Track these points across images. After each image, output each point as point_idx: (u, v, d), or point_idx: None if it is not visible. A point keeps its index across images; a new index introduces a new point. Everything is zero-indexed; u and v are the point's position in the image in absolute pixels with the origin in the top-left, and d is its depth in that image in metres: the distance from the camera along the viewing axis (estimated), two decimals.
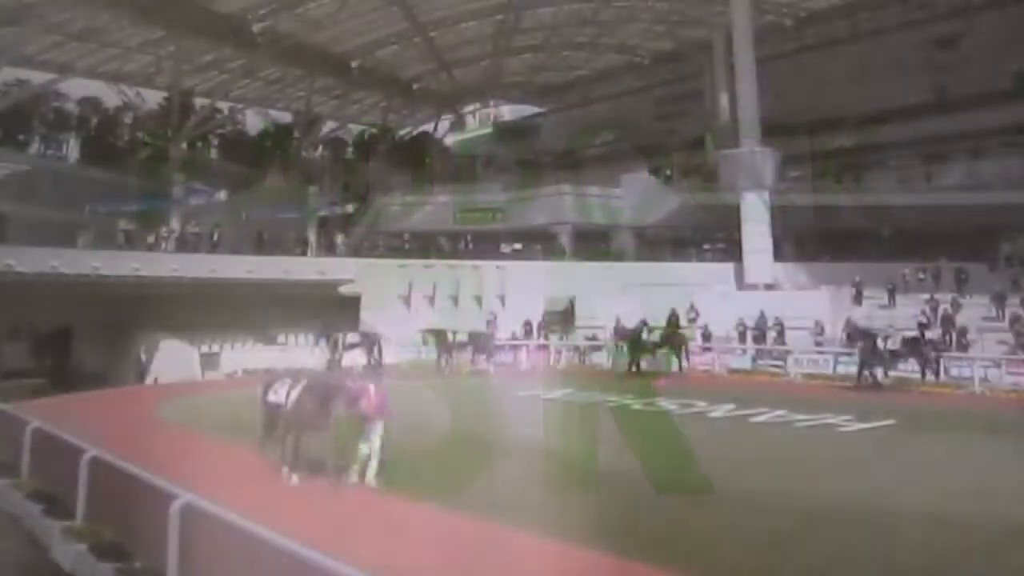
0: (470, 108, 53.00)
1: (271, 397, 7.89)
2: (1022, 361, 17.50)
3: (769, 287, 26.44)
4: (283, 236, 29.23)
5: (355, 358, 20.03)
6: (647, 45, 42.04)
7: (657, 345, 19.20)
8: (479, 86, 46.43)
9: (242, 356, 22.54)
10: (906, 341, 16.80)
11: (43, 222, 24.89)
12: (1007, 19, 31.77)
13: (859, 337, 17.06)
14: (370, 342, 20.41)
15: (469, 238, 36.51)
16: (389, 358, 23.21)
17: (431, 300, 27.05)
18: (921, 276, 25.69)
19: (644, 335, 19.31)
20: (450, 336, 21.28)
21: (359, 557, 4.29)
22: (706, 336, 22.45)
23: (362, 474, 7.43)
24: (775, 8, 35.48)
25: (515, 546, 5.72)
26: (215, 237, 26.79)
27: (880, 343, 16.64)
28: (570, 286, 26.75)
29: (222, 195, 28.94)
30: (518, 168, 46.01)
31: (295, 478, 7.42)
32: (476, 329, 22.41)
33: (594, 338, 24.11)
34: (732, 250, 29.95)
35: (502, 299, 26.97)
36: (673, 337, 19.32)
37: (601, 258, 30.90)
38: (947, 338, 20.09)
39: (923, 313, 21.81)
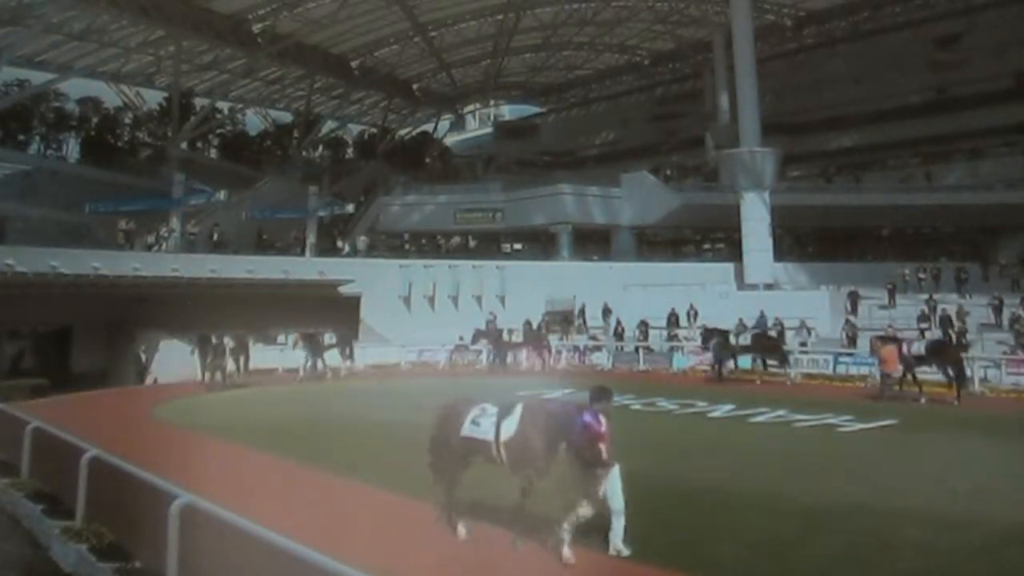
0: (470, 108, 53.04)
1: (468, 430, 5.99)
2: (1022, 361, 17.50)
3: (769, 287, 26.44)
4: (283, 236, 29.22)
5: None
6: (647, 45, 42.09)
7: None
8: (479, 86, 46.45)
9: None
10: (756, 338, 18.84)
11: (43, 222, 24.89)
12: (1007, 19, 31.81)
13: (712, 335, 18.84)
14: (345, 342, 20.40)
15: (470, 238, 36.53)
16: (390, 358, 23.37)
17: (431, 300, 27.08)
18: (921, 276, 25.69)
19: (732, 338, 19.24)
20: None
21: None
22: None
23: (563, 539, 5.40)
24: (775, 8, 35.51)
25: None
26: (215, 237, 26.78)
27: (732, 339, 18.78)
28: (570, 286, 26.76)
29: (222, 195, 28.85)
30: (518, 168, 46.08)
31: (463, 530, 5.90)
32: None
33: (594, 338, 24.14)
34: (732, 250, 29.96)
35: (502, 299, 27.00)
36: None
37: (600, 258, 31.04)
38: (947, 338, 20.11)
39: (922, 313, 21.83)
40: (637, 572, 5.19)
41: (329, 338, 20.24)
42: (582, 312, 25.65)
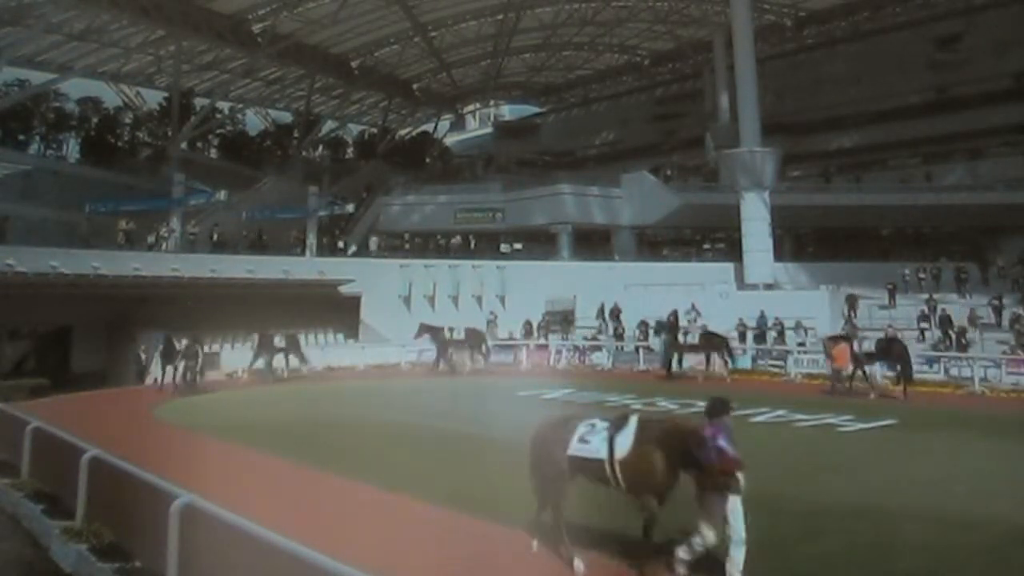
0: (470, 108, 53.05)
1: (577, 449, 5.38)
2: (1022, 361, 17.49)
3: (769, 287, 26.44)
4: (283, 236, 29.22)
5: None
6: (647, 45, 42.10)
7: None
8: (479, 86, 46.46)
9: (242, 356, 22.51)
10: (703, 336, 19.07)
11: (43, 222, 24.88)
12: (1007, 19, 31.81)
13: (662, 331, 19.54)
14: (292, 343, 20.26)
15: (470, 238, 36.54)
16: (390, 358, 23.35)
17: (431, 300, 27.08)
18: (921, 276, 25.68)
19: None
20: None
21: None
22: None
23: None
24: (775, 8, 35.51)
25: None
26: (215, 237, 26.77)
27: (681, 337, 19.27)
28: (570, 286, 26.75)
29: (222, 195, 28.85)
30: (518, 168, 46.08)
31: (580, 564, 5.19)
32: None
33: (594, 338, 24.14)
34: (732, 250, 29.95)
35: (502, 299, 27.00)
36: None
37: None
38: (947, 339, 20.13)
39: (922, 313, 21.82)
40: (637, 573, 5.19)
41: (279, 340, 19.92)
42: (614, 313, 24.59)
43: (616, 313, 24.43)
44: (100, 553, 5.64)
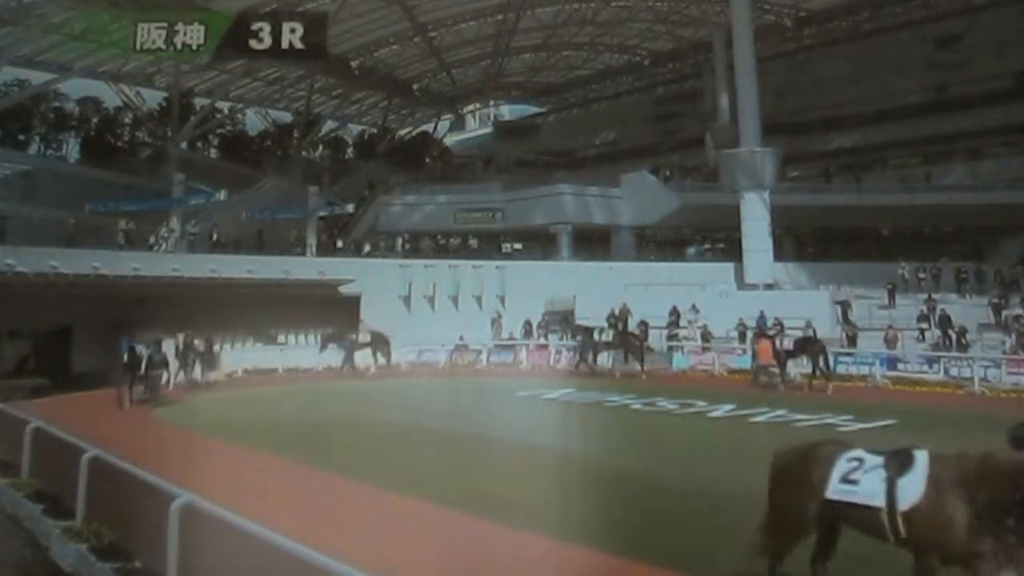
0: (470, 108, 53.03)
1: (839, 492, 4.20)
2: (1022, 361, 17.50)
3: (769, 287, 26.44)
4: (283, 236, 29.23)
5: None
6: (647, 45, 42.06)
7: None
8: (479, 86, 46.45)
9: (242, 356, 22.50)
10: (617, 335, 20.53)
11: (43, 222, 24.88)
12: (1007, 19, 31.78)
13: (578, 332, 20.90)
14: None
15: (470, 238, 36.52)
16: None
17: (431, 300, 27.09)
18: (921, 276, 25.69)
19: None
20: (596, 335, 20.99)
21: None
22: (705, 336, 22.49)
23: None
24: (775, 8, 35.50)
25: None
26: (215, 237, 26.79)
27: (596, 336, 20.29)
28: (570, 286, 26.75)
29: (222, 195, 28.88)
30: (518, 168, 46.06)
31: None
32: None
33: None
34: (732, 250, 29.95)
35: (502, 299, 26.99)
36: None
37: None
38: (946, 339, 20.15)
39: (922, 313, 21.83)
40: (636, 572, 5.19)
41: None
42: (623, 316, 23.73)
43: (625, 316, 24.37)
44: (100, 553, 5.64)
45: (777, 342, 17.27)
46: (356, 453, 9.63)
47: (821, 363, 16.77)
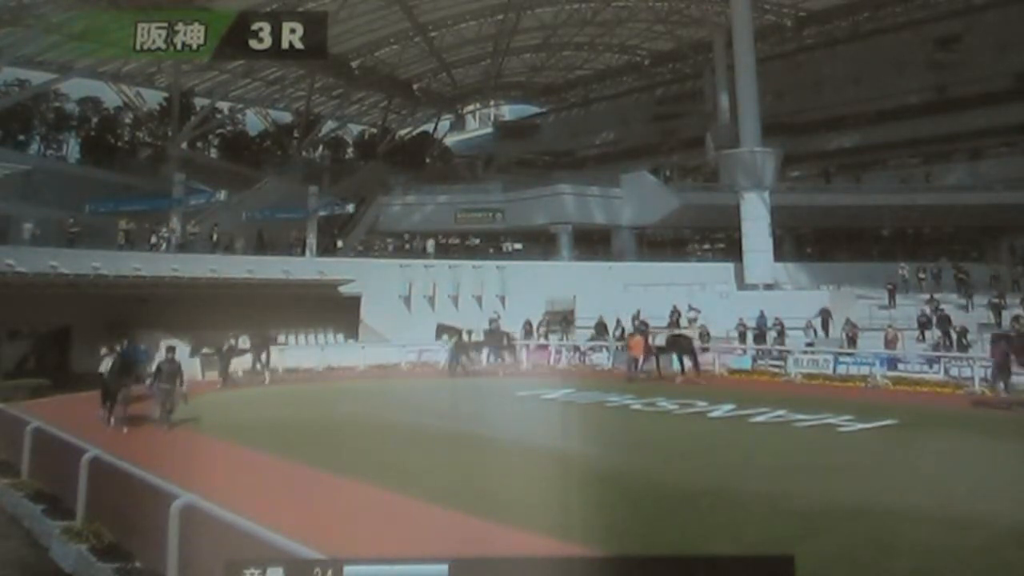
0: (470, 108, 53.01)
1: None
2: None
3: (769, 287, 26.44)
4: (283, 236, 29.21)
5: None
6: (647, 45, 42.07)
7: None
8: (479, 86, 46.44)
9: (241, 356, 22.46)
10: (488, 335, 21.44)
11: (43, 222, 24.86)
12: (1007, 19, 31.78)
13: (444, 332, 21.45)
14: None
15: (470, 237, 36.54)
16: (390, 358, 23.33)
17: (431, 300, 27.09)
18: (921, 276, 25.69)
19: None
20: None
21: None
22: (703, 336, 22.46)
23: None
24: (775, 8, 35.50)
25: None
26: (215, 237, 26.77)
27: (465, 337, 20.91)
28: (570, 286, 26.75)
29: (222, 195, 28.85)
30: (518, 168, 46.08)
31: None
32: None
33: (595, 338, 24.12)
34: (732, 250, 29.95)
35: (502, 299, 26.99)
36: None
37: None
38: (946, 339, 20.14)
39: (922, 313, 21.83)
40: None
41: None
42: (633, 318, 22.68)
43: (634, 318, 24.25)
44: (100, 553, 5.65)
45: (649, 339, 18.45)
46: (356, 453, 9.62)
47: (687, 360, 17.91)
